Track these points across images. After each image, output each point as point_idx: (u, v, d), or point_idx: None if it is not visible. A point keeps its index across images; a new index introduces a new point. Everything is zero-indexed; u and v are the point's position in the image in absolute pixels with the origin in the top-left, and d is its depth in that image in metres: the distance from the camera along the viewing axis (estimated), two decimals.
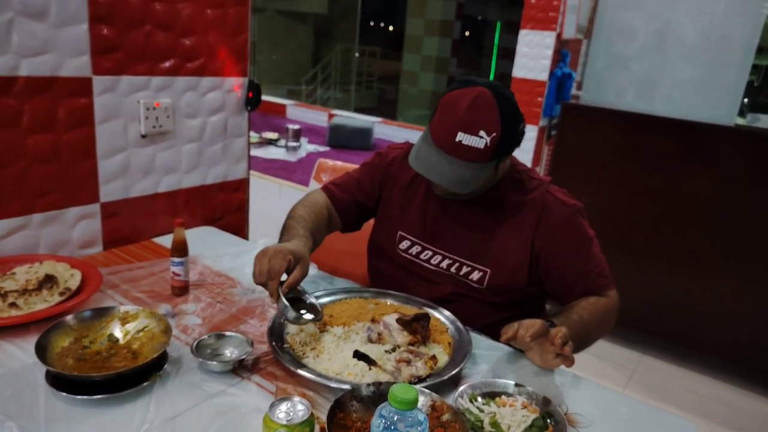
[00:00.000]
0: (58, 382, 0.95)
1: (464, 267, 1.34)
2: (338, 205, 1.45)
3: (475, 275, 1.32)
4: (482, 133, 1.16)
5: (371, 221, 1.53)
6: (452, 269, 1.35)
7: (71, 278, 1.29)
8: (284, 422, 0.78)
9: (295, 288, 1.16)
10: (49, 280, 1.24)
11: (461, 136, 1.16)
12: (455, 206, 1.36)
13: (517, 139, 1.25)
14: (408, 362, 1.04)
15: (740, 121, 3.29)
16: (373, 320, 1.20)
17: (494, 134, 1.17)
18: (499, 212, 1.32)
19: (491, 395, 1.01)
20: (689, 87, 3.35)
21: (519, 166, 1.37)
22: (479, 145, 1.16)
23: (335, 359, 1.08)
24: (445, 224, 1.37)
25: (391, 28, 15.56)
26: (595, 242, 1.32)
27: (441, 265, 1.36)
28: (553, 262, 1.30)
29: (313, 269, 1.58)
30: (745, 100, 3.38)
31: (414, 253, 1.40)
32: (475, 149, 1.16)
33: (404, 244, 1.41)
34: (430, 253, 1.38)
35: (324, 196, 1.46)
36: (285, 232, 1.32)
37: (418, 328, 1.13)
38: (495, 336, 1.29)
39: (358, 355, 1.02)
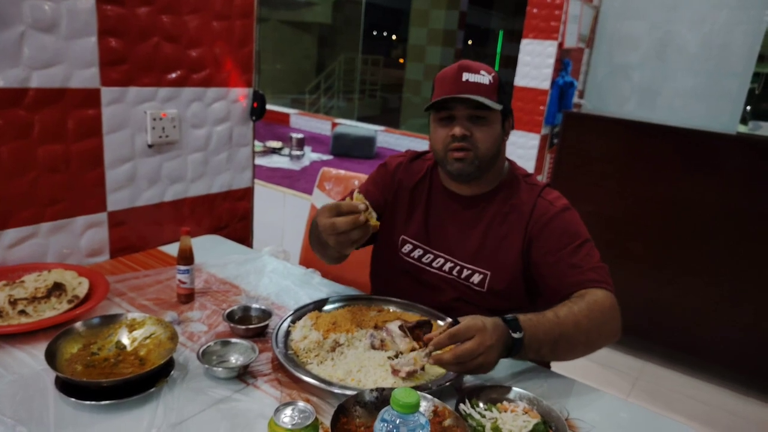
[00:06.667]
0: (68, 387, 0.97)
1: (465, 270, 1.34)
2: None
3: (476, 278, 1.33)
4: (483, 72, 1.27)
5: None
6: (454, 272, 1.36)
7: (79, 286, 1.31)
8: (289, 426, 0.79)
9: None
10: (57, 288, 1.26)
11: (467, 76, 1.26)
12: (456, 208, 1.38)
13: (509, 96, 1.30)
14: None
15: (742, 128, 3.30)
16: (376, 327, 1.22)
17: (493, 74, 1.28)
18: (497, 215, 1.34)
19: (493, 401, 1.02)
20: (691, 95, 3.37)
21: (518, 170, 1.40)
22: (485, 81, 1.26)
23: (339, 365, 1.09)
24: (447, 227, 1.38)
25: (394, 37, 15.65)
26: (591, 244, 1.28)
27: (443, 269, 1.37)
28: (542, 258, 1.27)
29: (316, 277, 1.60)
30: (747, 107, 3.39)
31: (416, 256, 1.41)
32: (483, 84, 1.26)
33: (406, 248, 1.42)
34: (432, 256, 1.39)
35: None
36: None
37: (420, 334, 1.15)
38: None
39: None
